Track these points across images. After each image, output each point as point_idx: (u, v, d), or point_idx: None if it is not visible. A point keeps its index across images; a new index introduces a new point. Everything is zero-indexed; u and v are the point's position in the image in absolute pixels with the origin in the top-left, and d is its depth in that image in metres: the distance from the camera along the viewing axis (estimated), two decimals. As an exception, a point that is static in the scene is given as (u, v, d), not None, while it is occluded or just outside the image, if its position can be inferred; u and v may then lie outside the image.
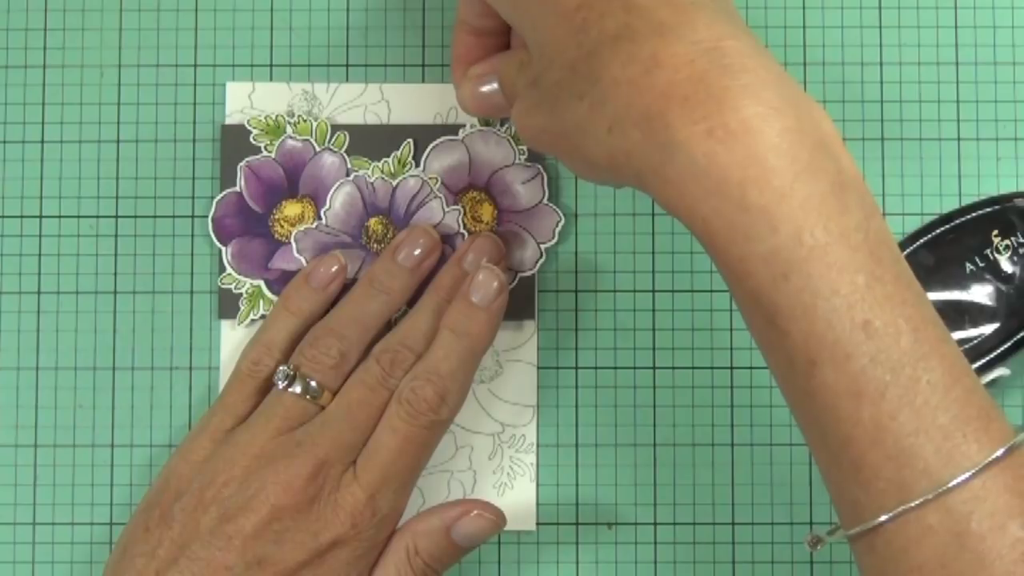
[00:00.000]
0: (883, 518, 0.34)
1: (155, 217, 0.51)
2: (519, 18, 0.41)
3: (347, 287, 0.49)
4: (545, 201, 0.50)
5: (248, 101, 0.51)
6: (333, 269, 0.48)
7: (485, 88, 0.45)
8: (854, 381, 0.34)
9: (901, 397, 0.34)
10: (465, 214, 0.50)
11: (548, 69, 0.39)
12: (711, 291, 0.50)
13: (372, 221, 0.50)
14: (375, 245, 0.50)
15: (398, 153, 0.50)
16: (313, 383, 0.45)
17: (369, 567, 0.44)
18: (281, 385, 0.45)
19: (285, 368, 0.45)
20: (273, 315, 0.48)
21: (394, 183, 0.50)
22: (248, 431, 0.44)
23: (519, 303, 0.50)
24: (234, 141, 0.50)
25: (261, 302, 0.50)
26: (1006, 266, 0.49)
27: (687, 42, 0.36)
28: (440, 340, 0.45)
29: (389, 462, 0.43)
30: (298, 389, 0.45)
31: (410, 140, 0.50)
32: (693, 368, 0.50)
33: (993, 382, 0.49)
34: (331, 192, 0.50)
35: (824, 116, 0.36)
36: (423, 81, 0.51)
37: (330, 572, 0.42)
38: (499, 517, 0.44)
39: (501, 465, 0.50)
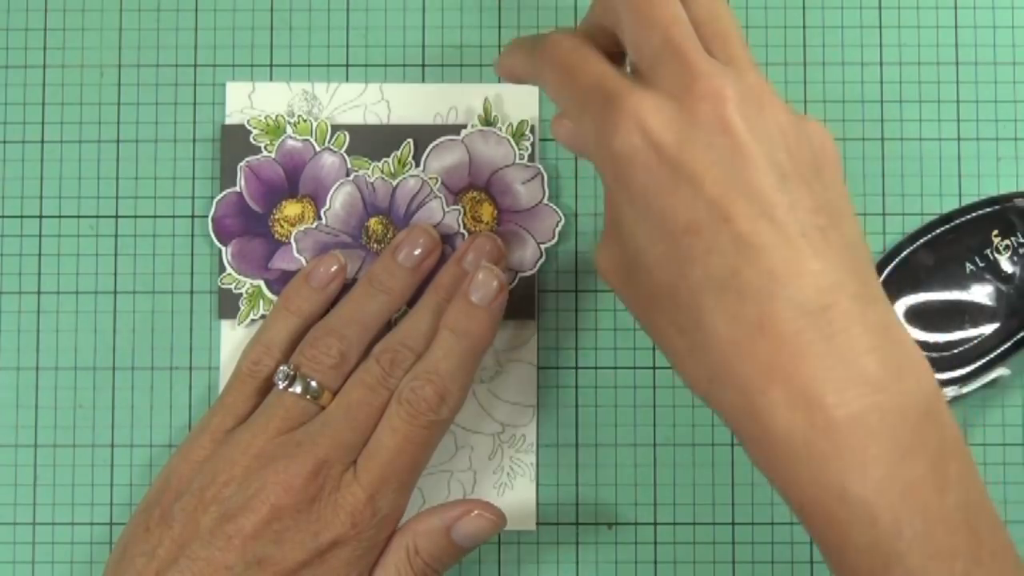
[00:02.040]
0: None
1: (155, 217, 0.51)
2: (620, 201, 0.38)
3: (347, 287, 0.49)
4: (545, 201, 0.50)
5: (248, 101, 0.51)
6: (333, 269, 0.48)
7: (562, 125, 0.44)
8: None
9: None
10: (465, 214, 0.50)
11: (641, 271, 0.38)
12: (711, 291, 0.50)
13: (372, 221, 0.50)
14: (375, 245, 0.50)
15: (398, 153, 0.50)
16: (313, 383, 0.45)
17: (369, 567, 0.44)
18: (281, 385, 0.45)
19: (285, 368, 0.45)
20: (273, 315, 0.48)
21: (394, 183, 0.50)
22: (248, 431, 0.44)
23: (519, 303, 0.50)
24: (234, 141, 0.50)
25: (261, 302, 0.50)
26: (1006, 266, 0.49)
27: (794, 305, 0.35)
28: (440, 340, 0.45)
29: (389, 462, 0.43)
30: (298, 389, 0.45)
31: (410, 140, 0.50)
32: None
33: (993, 382, 0.49)
34: (331, 192, 0.50)
35: (927, 370, 0.36)
36: (423, 81, 0.51)
37: (330, 572, 0.42)
38: (499, 517, 0.44)
39: (501, 465, 0.50)
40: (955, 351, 0.48)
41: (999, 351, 0.48)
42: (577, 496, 0.50)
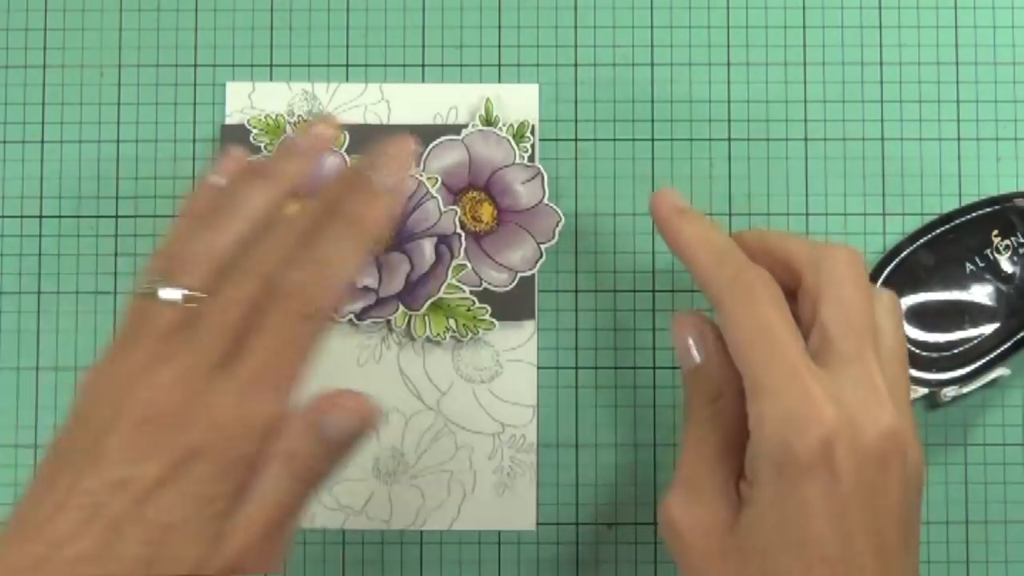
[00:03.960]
0: None
1: (155, 217, 0.51)
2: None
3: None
4: (545, 201, 0.50)
5: (248, 101, 0.51)
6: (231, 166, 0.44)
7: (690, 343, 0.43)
8: None
9: None
10: (465, 214, 0.50)
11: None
12: (711, 291, 0.50)
13: (370, 221, 0.50)
14: (372, 245, 0.50)
15: (398, 153, 0.50)
16: (186, 285, 0.40)
17: (241, 481, 0.39)
18: (156, 291, 0.40)
19: (158, 274, 0.40)
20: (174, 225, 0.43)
21: (394, 183, 0.50)
22: (122, 347, 0.40)
23: (519, 303, 0.50)
24: (234, 141, 0.50)
25: (261, 302, 0.50)
26: (1006, 266, 0.49)
27: None
28: (327, 226, 0.41)
29: (262, 364, 0.39)
30: (173, 294, 0.40)
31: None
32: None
33: (993, 382, 0.49)
34: (331, 192, 0.50)
35: None
36: (423, 81, 0.51)
37: (195, 486, 0.38)
38: (360, 405, 0.39)
39: (501, 465, 0.50)
40: (955, 351, 0.48)
41: (999, 351, 0.48)
42: (577, 496, 0.50)
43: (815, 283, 0.41)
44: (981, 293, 0.48)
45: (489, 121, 0.50)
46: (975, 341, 0.48)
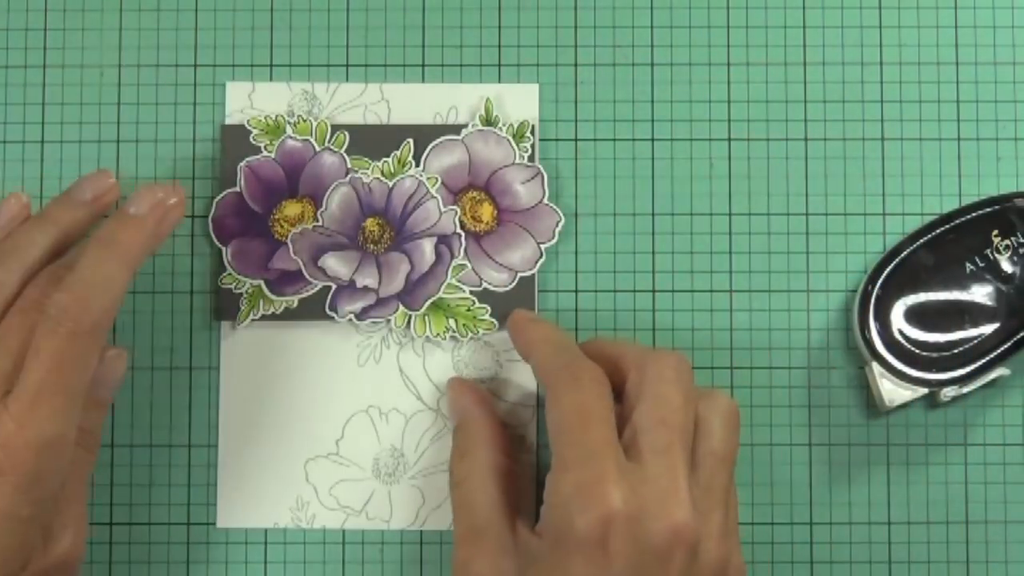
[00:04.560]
0: None
1: (155, 217, 0.51)
2: None
3: (343, 287, 0.49)
4: (545, 201, 0.50)
5: (248, 101, 0.51)
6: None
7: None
8: None
9: None
10: (465, 214, 0.50)
11: None
12: (711, 291, 0.50)
13: (368, 222, 0.50)
14: (371, 246, 0.50)
15: (398, 153, 0.50)
16: None
17: (42, 497, 0.42)
18: None
19: None
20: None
21: (390, 184, 0.50)
22: None
23: (519, 303, 0.50)
24: (234, 141, 0.50)
25: (261, 302, 0.50)
26: (1006, 266, 0.49)
27: None
28: (87, 250, 0.43)
29: (37, 385, 0.41)
30: None
31: (410, 140, 0.50)
32: (693, 368, 0.50)
33: (993, 382, 0.49)
34: (327, 193, 0.50)
35: None
36: (423, 81, 0.51)
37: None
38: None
39: (501, 465, 0.50)
40: (955, 351, 0.48)
41: (999, 351, 0.48)
42: (577, 496, 0.50)
43: (637, 382, 0.43)
44: (981, 293, 0.48)
45: (489, 121, 0.51)
46: (975, 341, 0.48)
